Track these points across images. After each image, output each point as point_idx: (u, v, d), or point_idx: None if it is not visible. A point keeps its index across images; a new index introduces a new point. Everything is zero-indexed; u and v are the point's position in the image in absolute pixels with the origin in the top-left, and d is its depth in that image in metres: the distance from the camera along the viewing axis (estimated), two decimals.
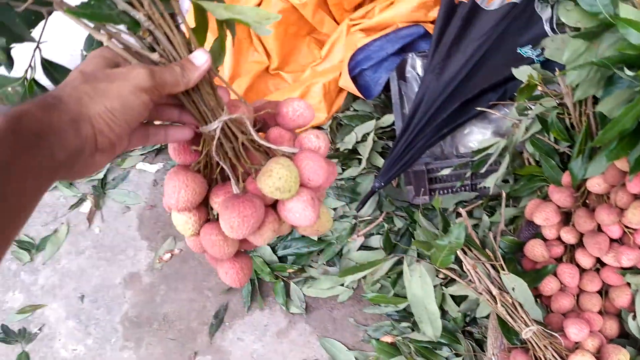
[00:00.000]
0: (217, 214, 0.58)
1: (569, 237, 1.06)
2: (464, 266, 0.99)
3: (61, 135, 0.45)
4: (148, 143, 0.57)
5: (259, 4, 1.82)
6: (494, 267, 1.00)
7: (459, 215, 1.53)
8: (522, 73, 1.21)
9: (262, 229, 0.57)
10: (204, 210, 0.60)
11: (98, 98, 0.48)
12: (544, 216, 1.05)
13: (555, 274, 1.06)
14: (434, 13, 1.70)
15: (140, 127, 0.54)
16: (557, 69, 1.07)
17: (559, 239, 1.10)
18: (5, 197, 0.41)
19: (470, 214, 1.53)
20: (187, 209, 0.57)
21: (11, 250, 1.79)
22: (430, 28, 1.71)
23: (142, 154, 1.94)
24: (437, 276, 1.32)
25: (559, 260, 1.10)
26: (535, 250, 1.06)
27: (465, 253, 1.00)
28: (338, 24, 1.89)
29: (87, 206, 1.86)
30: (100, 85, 0.48)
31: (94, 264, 1.75)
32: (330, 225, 0.64)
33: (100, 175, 1.90)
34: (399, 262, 1.35)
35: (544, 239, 1.10)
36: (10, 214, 0.42)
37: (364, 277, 1.50)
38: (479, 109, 1.40)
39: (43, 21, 0.54)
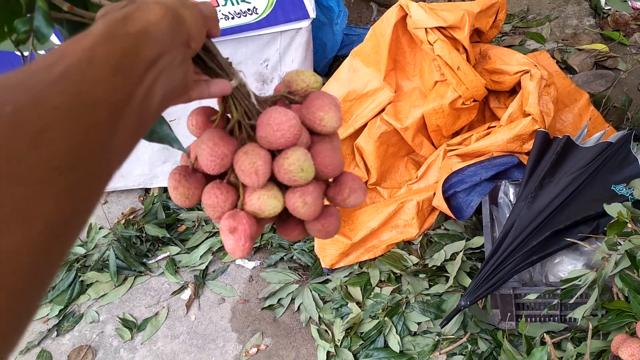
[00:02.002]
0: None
1: None
2: None
3: (164, 33, 0.42)
4: (189, 98, 0.51)
5: (364, 126, 2.00)
6: None
7: (544, 344, 1.51)
8: (613, 209, 1.25)
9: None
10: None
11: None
12: (630, 352, 1.05)
13: None
14: (529, 145, 1.79)
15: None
16: None
17: None
18: (114, 108, 0.37)
19: (558, 346, 1.51)
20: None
21: (116, 327, 1.95)
22: (524, 159, 1.79)
23: None
24: None
25: None
26: None
27: None
28: (435, 148, 2.02)
29: (187, 294, 2.01)
30: None
31: (186, 350, 1.86)
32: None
33: (203, 267, 2.06)
34: None
35: None
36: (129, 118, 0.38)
37: None
38: (569, 239, 1.43)
39: None
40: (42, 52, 0.48)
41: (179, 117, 2.15)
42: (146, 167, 2.28)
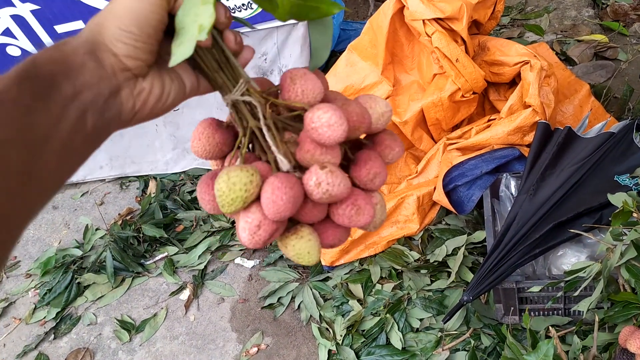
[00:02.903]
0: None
1: None
2: None
3: (81, 70, 0.41)
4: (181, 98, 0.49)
5: None
6: None
7: (549, 338, 1.49)
8: (617, 199, 1.23)
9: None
10: None
11: (108, 22, 0.43)
12: (638, 344, 1.02)
13: None
14: (530, 137, 1.76)
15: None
16: None
17: None
18: (29, 146, 0.36)
19: (562, 339, 1.49)
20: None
21: (114, 329, 1.93)
22: (525, 151, 1.77)
23: (240, 250, 2.07)
24: None
25: None
26: None
27: None
28: (435, 142, 1.99)
29: (186, 294, 1.98)
30: (106, 10, 0.44)
31: (185, 350, 1.83)
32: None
33: (201, 266, 2.04)
34: None
35: None
36: (36, 171, 0.37)
37: None
38: (573, 230, 1.41)
39: None
40: None
41: (182, 107, 2.17)
42: (158, 154, 2.35)
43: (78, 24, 1.99)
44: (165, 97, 0.47)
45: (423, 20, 1.80)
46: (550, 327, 1.07)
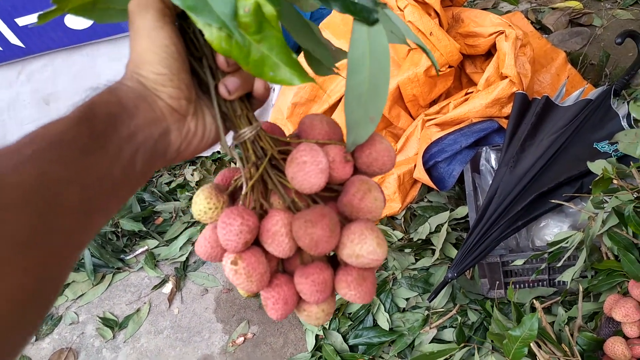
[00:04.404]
0: None
1: None
2: None
3: (136, 113, 0.43)
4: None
5: (339, 101, 1.94)
6: None
7: (534, 310, 1.48)
8: (597, 166, 1.21)
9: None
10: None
11: (144, 72, 0.45)
12: (624, 312, 1.01)
13: None
14: (508, 109, 1.74)
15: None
16: (631, 163, 1.07)
17: None
18: (85, 186, 0.38)
19: (548, 310, 1.48)
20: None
21: (96, 327, 1.89)
22: (504, 123, 1.74)
23: None
24: None
25: None
26: (616, 348, 1.01)
27: (539, 347, 0.97)
28: (413, 119, 1.96)
29: (168, 287, 1.95)
30: (135, 56, 0.45)
31: (171, 344, 1.80)
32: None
33: (183, 258, 2.00)
34: (472, 356, 1.31)
35: (626, 337, 1.05)
36: (93, 205, 0.38)
37: None
38: (554, 201, 1.39)
39: None
40: None
41: None
42: None
43: (36, 17, 1.93)
44: (207, 136, 0.49)
45: None
46: (535, 301, 1.05)
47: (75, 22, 2.10)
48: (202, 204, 0.48)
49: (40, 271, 0.33)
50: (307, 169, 0.44)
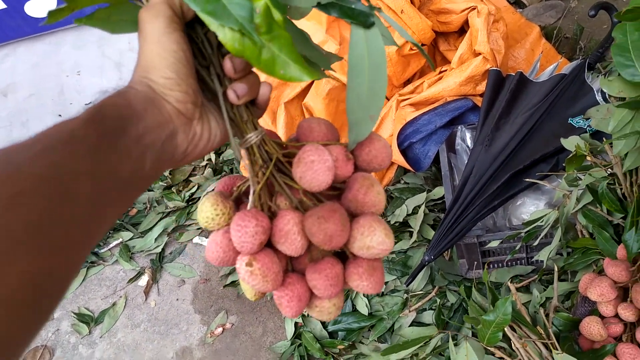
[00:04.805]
0: None
1: (627, 314, 0.99)
2: (512, 345, 0.95)
3: (144, 115, 0.44)
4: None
5: (311, 84, 1.89)
6: (546, 346, 0.95)
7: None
8: (570, 143, 1.18)
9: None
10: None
11: (153, 76, 0.46)
12: (599, 292, 0.99)
13: (614, 354, 0.99)
14: (482, 87, 1.71)
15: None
16: (604, 139, 1.04)
17: (617, 316, 1.03)
18: (98, 179, 0.39)
19: (527, 289, 1.47)
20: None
21: (72, 323, 1.85)
22: (478, 101, 1.71)
23: (198, 229, 2.00)
24: (494, 355, 1.26)
25: (618, 339, 1.03)
26: (592, 328, 1.00)
27: (514, 330, 0.96)
28: (387, 99, 1.92)
29: (144, 280, 1.91)
30: (143, 61, 0.46)
31: (148, 338, 1.77)
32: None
33: (158, 250, 1.96)
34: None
35: (601, 316, 1.04)
36: (102, 203, 0.40)
37: (416, 354, 1.44)
38: (529, 179, 1.37)
39: None
40: None
41: None
42: None
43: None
44: (213, 140, 0.51)
45: None
46: (509, 283, 1.03)
47: (37, 10, 2.02)
48: (209, 211, 0.49)
49: (54, 254, 0.34)
50: (316, 168, 0.46)
